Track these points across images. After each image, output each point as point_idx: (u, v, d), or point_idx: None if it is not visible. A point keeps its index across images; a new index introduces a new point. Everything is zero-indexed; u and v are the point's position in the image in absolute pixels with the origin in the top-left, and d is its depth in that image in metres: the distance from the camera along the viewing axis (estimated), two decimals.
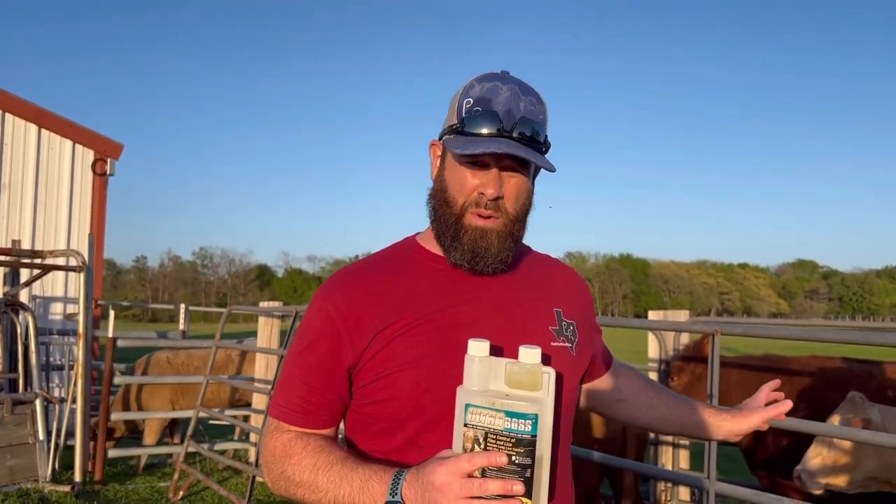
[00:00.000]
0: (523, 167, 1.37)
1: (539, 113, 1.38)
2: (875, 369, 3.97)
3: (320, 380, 1.38)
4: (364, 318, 1.35)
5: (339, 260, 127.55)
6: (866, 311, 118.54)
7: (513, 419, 1.13)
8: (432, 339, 1.34)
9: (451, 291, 1.39)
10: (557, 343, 1.42)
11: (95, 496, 6.22)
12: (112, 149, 11.02)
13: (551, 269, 1.56)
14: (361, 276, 1.42)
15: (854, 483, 3.23)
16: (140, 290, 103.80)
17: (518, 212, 1.39)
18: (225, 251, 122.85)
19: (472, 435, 1.14)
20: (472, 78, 1.40)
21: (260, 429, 6.17)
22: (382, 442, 1.36)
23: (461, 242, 1.36)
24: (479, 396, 1.16)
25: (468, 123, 1.34)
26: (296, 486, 1.32)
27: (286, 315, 6.92)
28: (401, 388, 1.32)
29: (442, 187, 1.41)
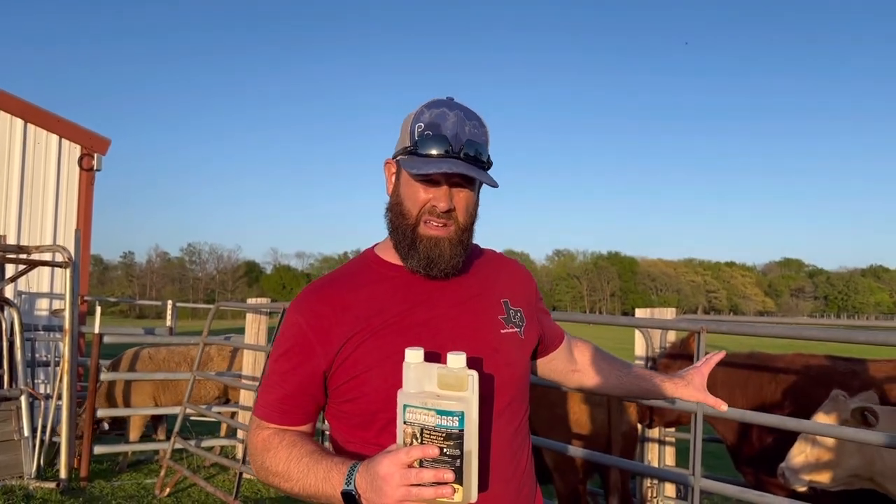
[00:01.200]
0: (470, 183, 1.56)
1: (482, 135, 1.57)
2: (858, 367, 4.00)
3: (294, 385, 1.56)
4: (333, 328, 1.53)
5: (327, 257, 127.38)
6: (851, 309, 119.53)
7: (443, 416, 1.30)
8: (395, 340, 1.51)
9: (408, 296, 1.57)
10: (507, 330, 1.64)
11: (81, 493, 6.19)
12: (99, 144, 10.95)
13: (497, 265, 1.75)
14: (328, 290, 1.60)
15: (837, 480, 3.26)
16: (127, 286, 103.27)
17: (466, 222, 1.58)
18: (213, 247, 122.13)
19: (411, 431, 1.31)
20: (421, 105, 1.58)
21: (247, 425, 6.15)
22: (360, 432, 1.55)
23: (417, 251, 1.55)
24: (414, 398, 1.33)
25: (420, 145, 1.52)
26: (273, 476, 1.52)
27: (274, 311, 6.91)
28: (371, 386, 1.50)
29: (398, 201, 1.59)
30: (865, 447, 3.14)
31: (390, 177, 1.63)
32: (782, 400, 4.04)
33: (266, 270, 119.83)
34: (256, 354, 7.19)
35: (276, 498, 6.25)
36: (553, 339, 1.88)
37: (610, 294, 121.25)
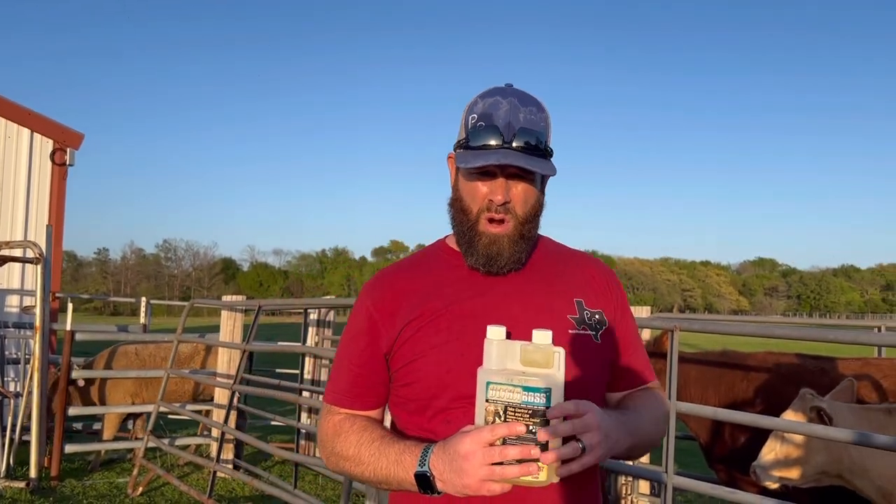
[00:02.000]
0: (528, 174, 1.50)
1: (539, 121, 1.51)
2: (828, 365, 4.06)
3: (364, 367, 1.57)
4: (396, 312, 1.54)
5: (305, 254, 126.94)
6: (823, 308, 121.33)
7: (529, 393, 1.26)
8: (452, 326, 1.50)
9: (471, 286, 1.55)
10: (576, 331, 1.54)
11: (51, 492, 6.11)
12: (72, 138, 10.79)
13: (576, 262, 1.66)
14: (394, 276, 1.62)
15: (806, 477, 3.30)
16: (102, 282, 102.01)
17: (527, 213, 1.53)
18: (189, 244, 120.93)
19: (493, 409, 1.27)
20: (476, 95, 1.55)
21: (221, 423, 6.11)
22: (417, 418, 1.53)
23: (476, 248, 1.52)
24: (498, 374, 1.29)
25: (472, 138, 1.49)
26: (344, 460, 1.51)
27: (249, 309, 6.86)
28: (425, 372, 1.50)
29: (458, 197, 1.57)
30: (832, 444, 3.19)
31: (452, 171, 1.61)
32: (754, 398, 4.09)
33: (243, 267, 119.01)
34: (231, 352, 7.14)
35: (252, 497, 6.21)
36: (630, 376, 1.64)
37: None
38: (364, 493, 4.70)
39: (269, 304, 6.86)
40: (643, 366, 1.67)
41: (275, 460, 7.59)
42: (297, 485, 5.82)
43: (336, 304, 7.37)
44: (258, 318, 6.14)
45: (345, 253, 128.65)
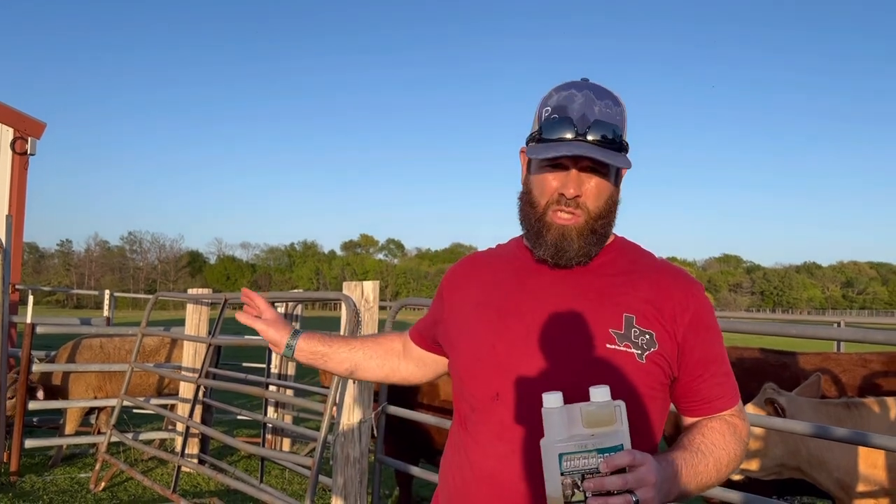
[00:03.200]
0: (602, 167, 1.47)
1: (615, 115, 1.47)
2: (789, 360, 4.14)
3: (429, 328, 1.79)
4: (456, 292, 1.66)
5: (273, 247, 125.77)
6: (786, 304, 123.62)
7: (604, 454, 1.22)
8: (491, 319, 1.53)
9: (523, 282, 1.55)
10: (616, 347, 1.44)
11: (10, 488, 5.98)
12: (33, 127, 10.57)
13: (649, 274, 1.53)
14: (469, 262, 1.72)
15: (766, 469, 3.37)
16: (65, 275, 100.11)
17: (600, 209, 1.49)
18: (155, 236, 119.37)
19: (570, 481, 1.22)
20: (552, 88, 1.53)
21: (186, 418, 6.04)
22: (457, 395, 1.62)
23: (545, 240, 1.49)
24: (568, 444, 1.23)
25: (545, 130, 1.47)
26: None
27: (215, 302, 6.78)
28: (461, 355, 1.57)
29: (527, 190, 1.55)
30: (789, 437, 3.26)
31: (524, 166, 1.59)
32: None
33: (210, 261, 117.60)
34: (197, 346, 7.05)
35: (216, 491, 6.15)
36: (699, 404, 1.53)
37: None
38: (330, 487, 4.69)
39: (235, 297, 6.79)
40: (718, 393, 1.52)
41: (240, 455, 7.52)
42: (264, 479, 5.78)
43: (303, 297, 7.31)
44: (224, 311, 6.07)
45: (314, 246, 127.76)
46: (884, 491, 3.26)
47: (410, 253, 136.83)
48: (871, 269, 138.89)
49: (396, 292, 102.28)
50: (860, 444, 2.81)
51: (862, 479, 3.26)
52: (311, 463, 4.37)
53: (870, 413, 3.33)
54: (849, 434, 2.79)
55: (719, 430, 1.49)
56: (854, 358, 4.10)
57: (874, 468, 3.26)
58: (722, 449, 1.46)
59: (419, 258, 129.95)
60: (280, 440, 7.73)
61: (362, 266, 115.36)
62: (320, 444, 4.33)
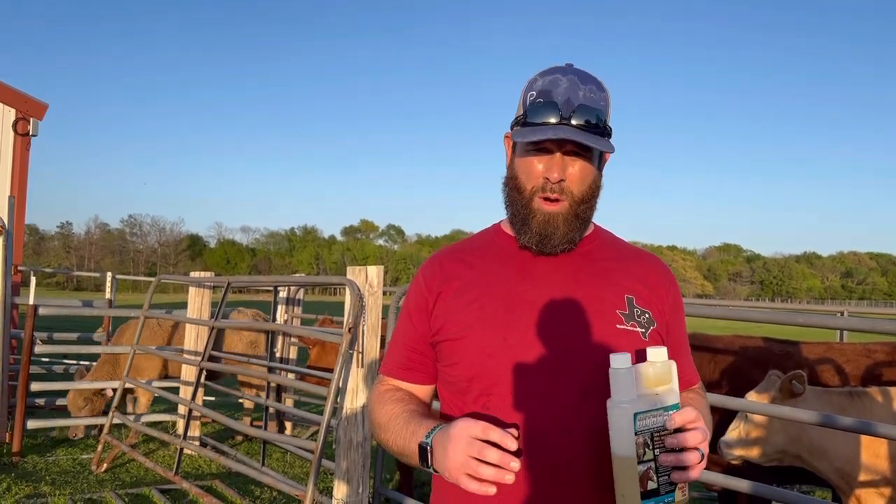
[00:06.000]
0: (586, 151, 1.47)
1: (599, 100, 1.48)
2: (792, 349, 4.14)
3: (415, 340, 1.59)
4: (444, 290, 1.55)
5: (273, 232, 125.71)
6: (785, 294, 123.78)
7: (668, 412, 1.25)
8: (497, 310, 1.48)
9: (520, 269, 1.53)
10: (624, 326, 1.49)
11: (13, 468, 6.01)
12: (35, 108, 10.52)
13: (631, 257, 1.61)
14: (448, 256, 1.62)
15: (766, 455, 3.37)
16: (64, 257, 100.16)
17: (584, 193, 1.50)
18: (155, 219, 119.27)
19: (642, 440, 1.23)
20: (536, 73, 1.52)
21: (188, 400, 6.05)
22: (459, 400, 1.53)
23: (530, 226, 1.49)
24: (641, 403, 1.24)
25: (531, 114, 1.46)
26: (376, 427, 1.56)
27: (217, 286, 6.78)
28: (469, 352, 1.48)
29: (513, 175, 1.53)
30: (790, 426, 3.26)
31: (508, 151, 1.59)
32: (720, 379, 4.16)
33: (210, 244, 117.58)
34: (199, 329, 7.06)
35: (218, 473, 6.18)
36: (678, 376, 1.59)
37: None
38: (332, 471, 4.70)
39: (238, 280, 6.79)
40: (690, 369, 1.64)
41: (242, 437, 7.55)
42: (265, 462, 5.81)
43: (306, 281, 7.31)
44: (227, 294, 6.06)
45: (314, 231, 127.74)
46: (885, 480, 3.26)
47: (411, 239, 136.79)
48: (870, 259, 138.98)
49: (396, 278, 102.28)
50: (865, 433, 2.81)
51: (863, 468, 3.26)
52: (314, 447, 4.38)
53: (873, 403, 3.33)
54: (854, 423, 2.80)
55: (698, 399, 1.60)
56: (858, 348, 4.10)
57: (876, 458, 3.27)
58: (707, 414, 1.59)
59: (419, 244, 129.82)
60: (281, 423, 7.74)
61: (362, 251, 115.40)
62: (324, 428, 4.34)
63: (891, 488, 3.24)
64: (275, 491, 5.58)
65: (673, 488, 1.24)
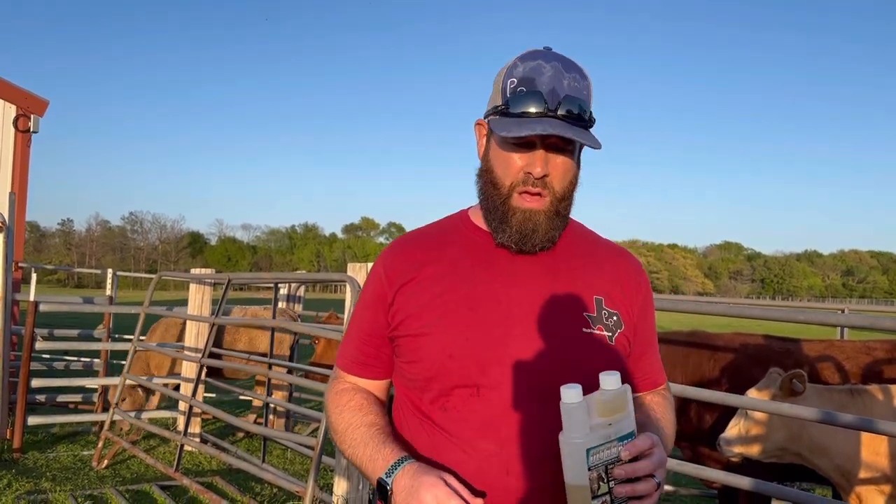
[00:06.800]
0: (569, 145, 1.39)
1: (583, 89, 1.39)
2: (793, 346, 4.14)
3: (373, 334, 1.51)
4: (406, 283, 1.46)
5: (274, 229, 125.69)
6: (786, 292, 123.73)
7: (623, 442, 1.21)
8: (460, 308, 1.41)
9: (489, 267, 1.44)
10: (591, 330, 1.42)
11: (13, 464, 6.02)
12: (36, 105, 10.52)
13: (607, 257, 1.54)
14: (412, 245, 1.52)
15: (766, 452, 3.37)
16: (65, 254, 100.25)
17: (565, 189, 1.42)
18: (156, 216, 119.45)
19: (596, 475, 1.19)
20: (515, 57, 1.41)
21: (189, 397, 6.06)
22: (416, 398, 1.46)
23: (509, 224, 1.40)
24: (592, 437, 1.20)
25: (513, 104, 1.36)
26: (333, 432, 1.51)
27: (218, 283, 6.78)
28: (429, 350, 1.40)
29: (488, 168, 1.44)
30: (791, 423, 3.26)
31: (481, 139, 1.48)
32: (720, 377, 4.16)
33: (211, 242, 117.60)
34: (200, 326, 7.06)
35: (218, 470, 6.18)
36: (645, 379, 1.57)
37: None
38: (333, 467, 4.71)
39: (238, 277, 6.79)
40: (657, 368, 1.59)
41: (242, 434, 7.55)
42: (266, 459, 5.81)
43: (307, 279, 7.32)
44: (227, 291, 6.07)
45: (314, 229, 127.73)
46: (885, 478, 3.26)
47: None
48: (871, 257, 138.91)
49: None
50: (867, 430, 2.81)
51: (864, 465, 3.26)
52: (315, 443, 4.38)
53: (873, 400, 3.33)
54: (855, 420, 2.79)
55: (662, 404, 1.55)
56: (858, 345, 4.10)
57: (876, 455, 3.27)
58: (670, 423, 1.53)
59: None
60: (282, 420, 7.75)
61: (363, 249, 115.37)
62: (324, 425, 4.34)
63: (891, 485, 3.24)
64: (275, 487, 5.59)
65: None
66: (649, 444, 1.22)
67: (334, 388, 1.56)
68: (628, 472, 1.19)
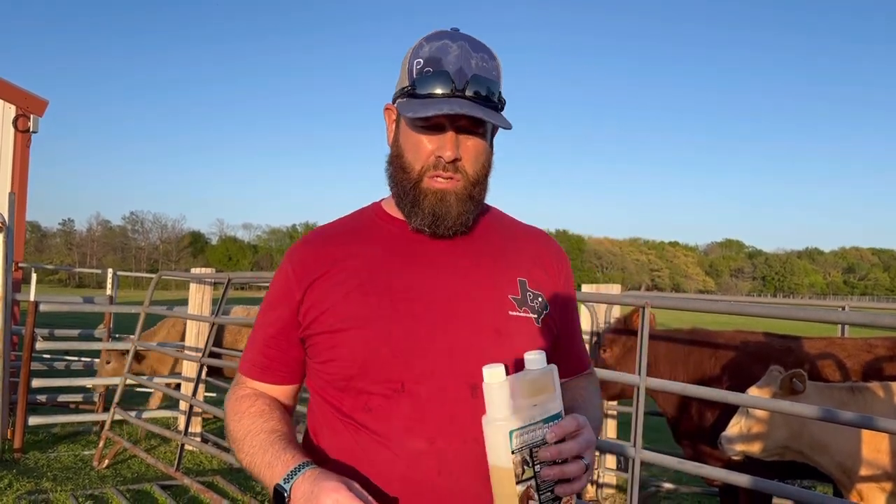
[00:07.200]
0: (480, 127, 1.34)
1: (492, 69, 1.35)
2: (794, 344, 4.13)
3: (279, 336, 1.42)
4: (318, 278, 1.38)
5: (275, 228, 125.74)
6: (787, 289, 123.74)
7: (549, 423, 1.17)
8: (381, 301, 1.34)
9: (408, 257, 1.39)
10: (517, 313, 1.38)
11: (14, 465, 6.02)
12: (35, 105, 10.51)
13: (527, 239, 1.51)
14: (323, 239, 1.44)
15: (768, 451, 3.37)
16: (66, 254, 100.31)
17: (478, 173, 1.37)
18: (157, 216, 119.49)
19: (520, 458, 1.14)
20: (420, 37, 1.37)
21: (189, 396, 6.06)
22: (335, 400, 1.37)
23: (421, 208, 1.35)
24: (516, 419, 1.14)
25: (419, 85, 1.31)
26: (231, 440, 1.40)
27: (219, 282, 6.78)
28: (348, 349, 1.33)
29: (398, 153, 1.39)
30: (792, 421, 3.26)
31: (390, 124, 1.43)
32: (721, 375, 4.15)
33: (212, 241, 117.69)
34: (200, 325, 7.06)
35: (219, 469, 6.18)
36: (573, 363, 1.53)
37: None
38: None
39: (238, 276, 6.79)
40: (582, 350, 1.57)
41: None
42: None
43: None
44: (227, 291, 6.06)
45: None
46: (886, 475, 3.26)
47: None
48: (872, 255, 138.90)
49: None
50: (867, 427, 2.80)
51: (865, 463, 3.26)
52: None
53: (874, 397, 3.33)
54: (856, 418, 2.79)
55: (588, 388, 1.53)
56: (859, 343, 4.08)
57: (878, 452, 3.26)
58: (597, 406, 1.50)
59: None
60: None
61: None
62: None
63: (892, 483, 3.24)
64: None
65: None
66: (576, 425, 1.18)
67: (234, 395, 1.46)
68: (554, 454, 1.15)
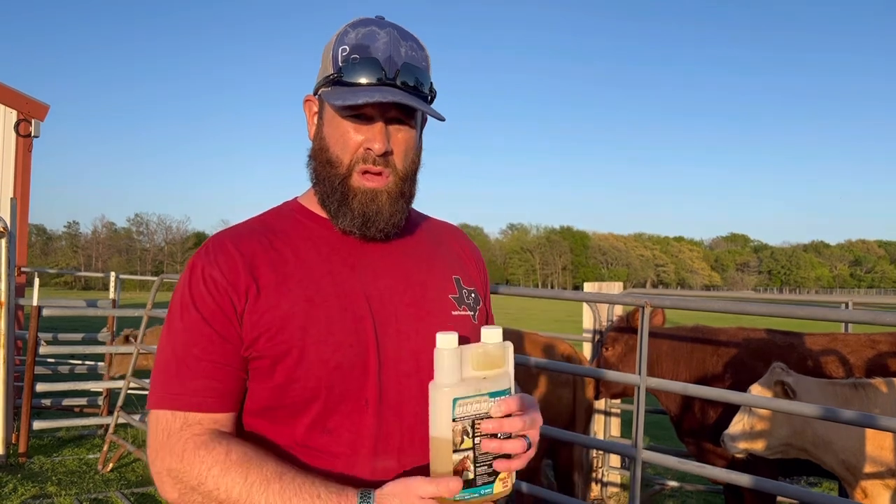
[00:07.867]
0: (410, 119, 1.28)
1: (422, 59, 1.29)
2: (796, 340, 4.10)
3: (225, 354, 1.22)
4: (259, 287, 1.24)
5: None
6: (793, 283, 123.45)
7: (495, 398, 1.15)
8: (332, 311, 1.24)
9: (345, 260, 1.30)
10: (458, 312, 1.35)
11: (19, 469, 6.03)
12: (37, 109, 10.52)
13: (447, 235, 1.48)
14: (249, 241, 1.28)
15: (771, 448, 3.35)
16: (72, 256, 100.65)
17: (408, 169, 1.30)
18: (161, 218, 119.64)
19: (461, 427, 1.12)
20: (344, 24, 1.29)
21: None
22: (286, 428, 1.24)
23: (350, 207, 1.27)
24: (462, 387, 1.13)
25: (346, 73, 1.24)
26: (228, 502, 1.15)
27: None
28: (306, 368, 1.21)
29: (322, 146, 1.30)
30: (794, 419, 3.24)
31: (312, 117, 1.35)
32: (724, 372, 4.13)
33: None
34: None
35: None
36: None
37: (562, 268, 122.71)
38: None
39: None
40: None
41: None
42: None
43: None
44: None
45: None
46: (890, 472, 3.24)
47: None
48: (879, 247, 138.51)
49: None
50: (868, 426, 2.78)
51: (868, 460, 3.24)
52: None
53: (877, 393, 3.31)
54: (857, 416, 2.77)
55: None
56: (862, 338, 4.06)
57: (881, 449, 3.25)
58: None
59: None
60: None
61: None
62: None
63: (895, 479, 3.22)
64: None
65: (493, 479, 1.14)
66: (519, 404, 1.15)
67: (189, 445, 1.18)
68: (496, 427, 1.12)
